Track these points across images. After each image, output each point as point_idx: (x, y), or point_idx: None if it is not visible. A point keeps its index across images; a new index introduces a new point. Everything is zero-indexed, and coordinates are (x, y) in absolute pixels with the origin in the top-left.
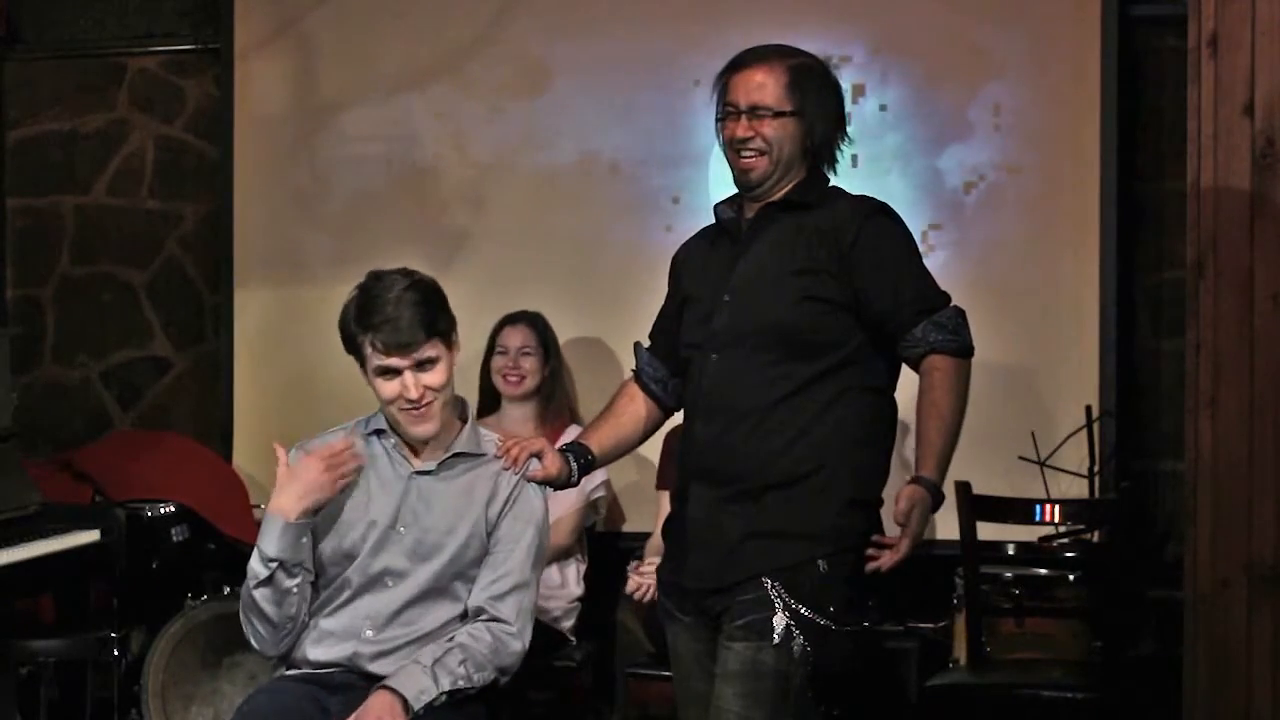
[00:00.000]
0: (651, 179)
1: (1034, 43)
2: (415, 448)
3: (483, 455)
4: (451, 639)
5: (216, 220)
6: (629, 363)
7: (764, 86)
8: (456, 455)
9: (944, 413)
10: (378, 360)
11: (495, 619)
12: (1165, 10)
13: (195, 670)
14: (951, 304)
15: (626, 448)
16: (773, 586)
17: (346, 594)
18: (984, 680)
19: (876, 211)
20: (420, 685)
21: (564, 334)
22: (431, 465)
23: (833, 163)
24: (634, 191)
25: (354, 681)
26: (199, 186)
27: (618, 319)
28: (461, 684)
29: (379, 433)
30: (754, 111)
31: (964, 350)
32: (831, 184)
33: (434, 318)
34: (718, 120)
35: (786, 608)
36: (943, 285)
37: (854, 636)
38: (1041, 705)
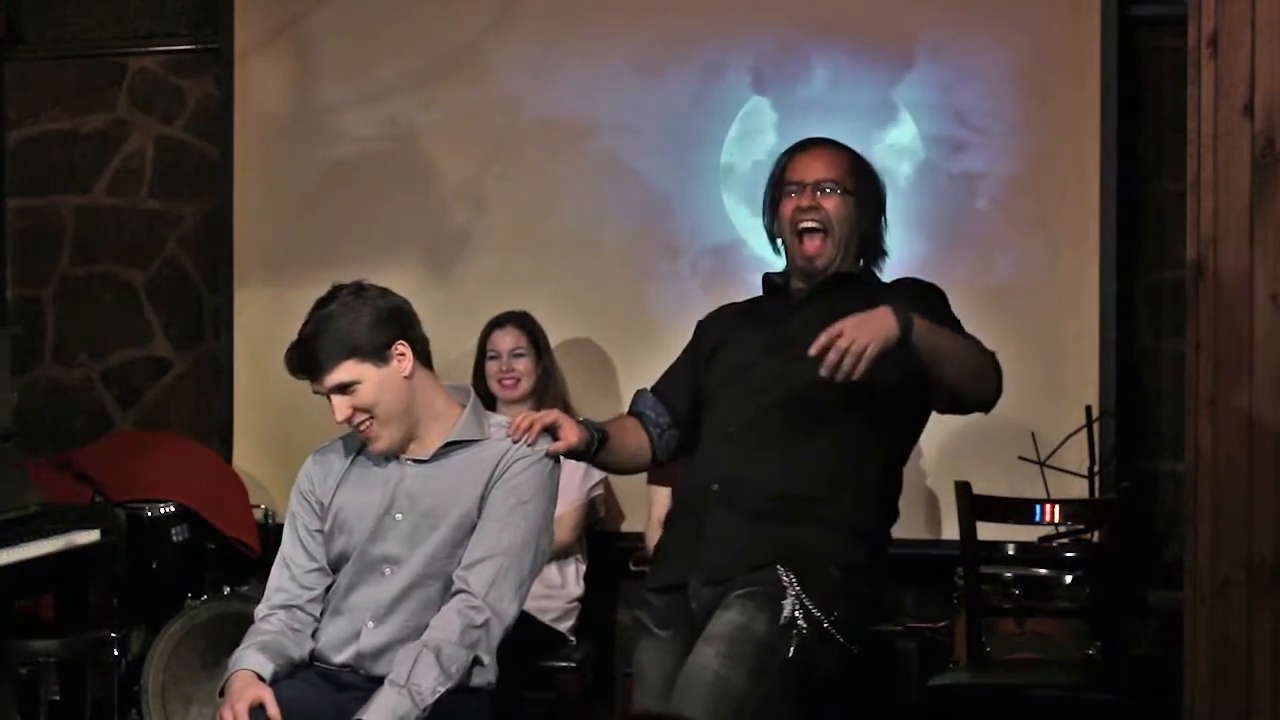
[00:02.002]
0: (653, 178)
1: (1034, 43)
2: (407, 442)
3: (484, 440)
4: (424, 639)
5: (216, 220)
6: (626, 362)
7: (831, 165)
8: (452, 444)
9: (961, 340)
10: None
11: (463, 591)
12: (1165, 10)
13: (195, 670)
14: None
15: (618, 461)
16: (786, 574)
17: (346, 584)
18: (984, 680)
19: (933, 286)
20: (399, 711)
21: (563, 334)
22: (425, 456)
23: (878, 255)
24: (635, 191)
25: (358, 682)
26: (199, 186)
27: (617, 319)
28: (440, 687)
29: None
30: (819, 185)
31: (997, 368)
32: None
33: (343, 339)
34: (772, 203)
35: (796, 597)
36: (942, 284)
37: (845, 653)
38: (1041, 705)
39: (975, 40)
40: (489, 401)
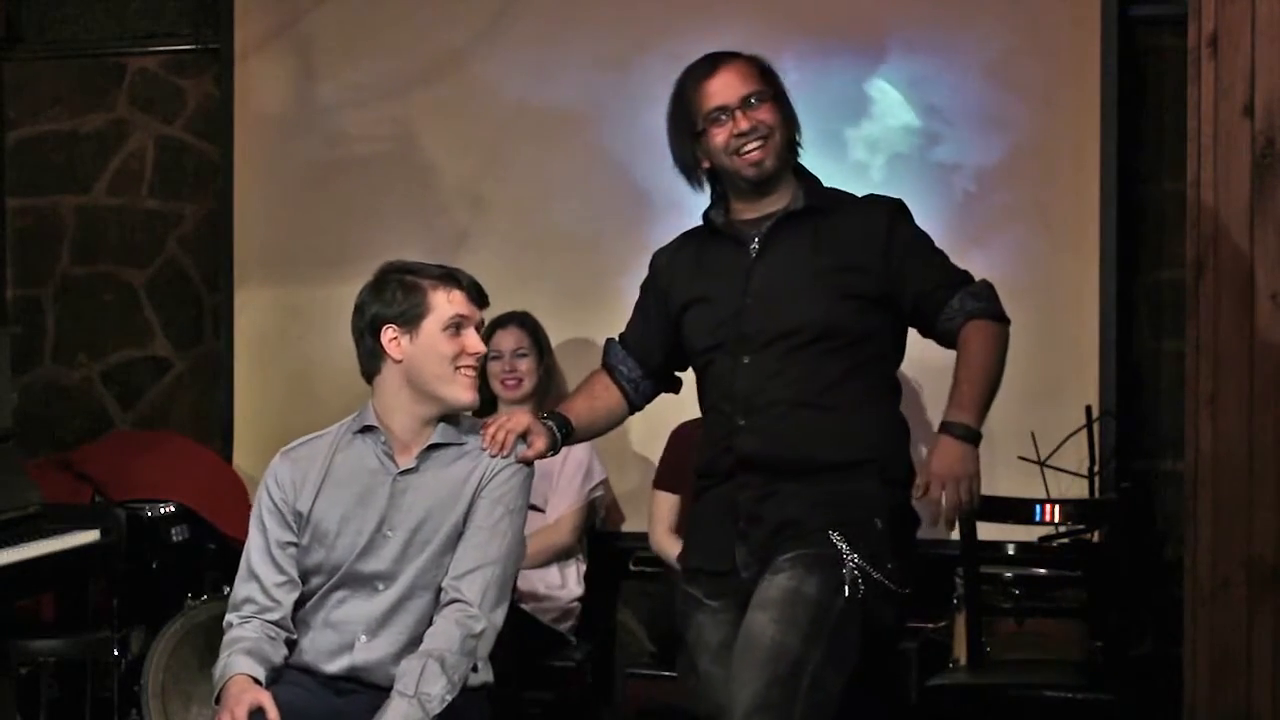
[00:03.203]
0: (652, 177)
1: (1033, 44)
2: (402, 444)
3: (463, 444)
4: (426, 649)
5: (216, 220)
6: None
7: (747, 77)
8: (434, 446)
9: (984, 363)
10: (454, 310)
11: (457, 600)
12: (1165, 10)
13: (195, 670)
14: (981, 278)
15: (594, 433)
16: (840, 539)
17: (336, 598)
18: (984, 680)
19: (900, 207)
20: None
21: (564, 333)
22: (413, 462)
23: (796, 154)
24: (635, 191)
25: (357, 689)
26: (199, 186)
27: (617, 318)
28: (447, 696)
29: (368, 429)
30: (748, 101)
31: (1002, 317)
32: (822, 182)
33: None
34: (692, 136)
35: (853, 562)
36: None
37: (900, 601)
38: (1041, 705)
39: (974, 39)
40: (491, 402)
